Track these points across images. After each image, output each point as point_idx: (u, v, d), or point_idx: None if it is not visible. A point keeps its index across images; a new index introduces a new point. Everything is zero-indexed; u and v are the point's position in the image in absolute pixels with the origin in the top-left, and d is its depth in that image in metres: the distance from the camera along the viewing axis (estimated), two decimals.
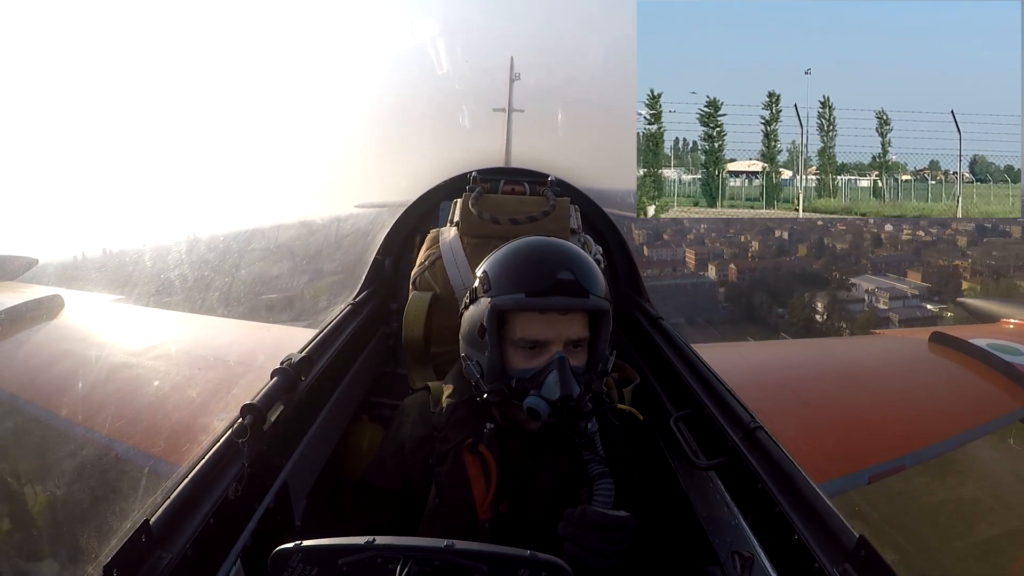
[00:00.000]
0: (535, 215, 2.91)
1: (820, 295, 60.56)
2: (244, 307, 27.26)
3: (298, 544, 1.24)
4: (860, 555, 1.31)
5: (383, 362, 3.32)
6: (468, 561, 1.23)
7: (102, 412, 4.19)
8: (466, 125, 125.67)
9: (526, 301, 1.86)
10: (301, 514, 2.07)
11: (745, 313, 62.25)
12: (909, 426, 4.50)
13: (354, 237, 19.75)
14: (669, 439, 2.26)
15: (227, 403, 3.92)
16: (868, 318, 54.95)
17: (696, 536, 1.96)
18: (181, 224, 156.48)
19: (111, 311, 7.16)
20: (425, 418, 2.12)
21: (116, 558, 1.24)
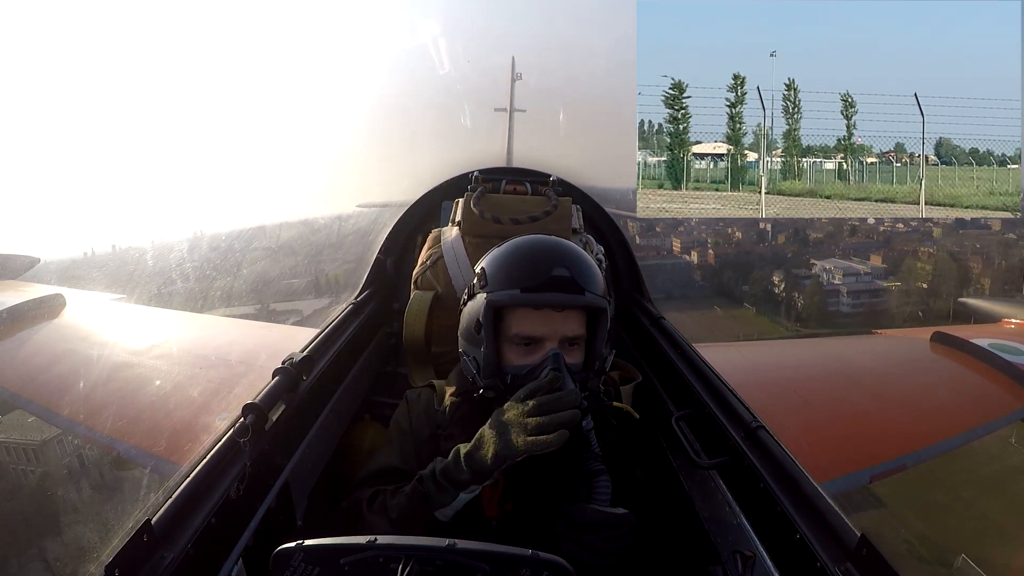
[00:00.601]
0: (537, 215, 2.90)
1: (780, 272, 65.62)
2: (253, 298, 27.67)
3: (300, 543, 1.24)
4: (862, 554, 1.31)
5: (385, 361, 3.32)
6: (470, 560, 1.23)
7: (104, 411, 4.20)
8: (468, 125, 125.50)
9: (521, 297, 1.86)
10: (303, 513, 2.07)
11: (715, 288, 68.07)
12: (911, 426, 4.50)
13: (356, 236, 19.91)
14: (671, 438, 2.25)
15: (228, 402, 3.92)
16: (815, 288, 61.88)
17: (698, 535, 1.96)
18: (187, 222, 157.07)
19: (113, 310, 7.17)
20: (430, 416, 2.12)
21: (118, 557, 1.24)
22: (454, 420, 2.02)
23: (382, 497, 1.82)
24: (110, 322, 6.41)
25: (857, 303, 61.15)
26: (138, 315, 7.43)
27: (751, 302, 64.85)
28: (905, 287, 60.81)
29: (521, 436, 1.62)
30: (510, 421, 1.65)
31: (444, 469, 1.70)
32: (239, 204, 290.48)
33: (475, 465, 1.66)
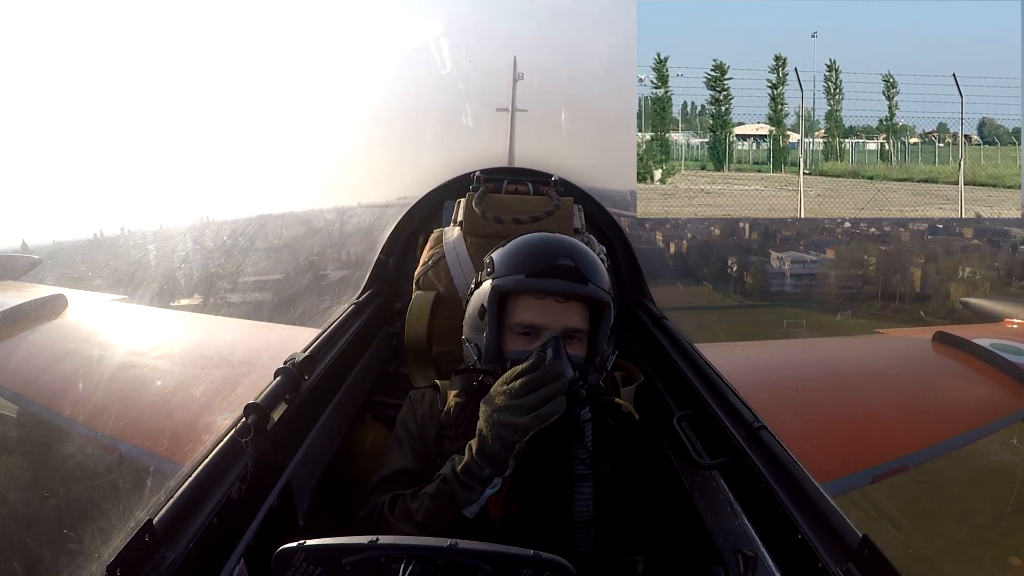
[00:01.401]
0: (538, 215, 2.91)
1: (735, 258, 75.25)
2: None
3: (301, 543, 1.24)
4: (864, 555, 1.31)
5: (386, 361, 3.33)
6: (472, 560, 1.23)
7: (105, 411, 4.20)
8: (469, 125, 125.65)
9: (525, 282, 1.89)
10: (304, 513, 2.07)
11: (681, 271, 75.28)
12: (912, 426, 4.50)
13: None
14: (672, 438, 2.25)
15: (230, 402, 3.92)
16: (759, 269, 71.48)
17: (699, 536, 1.96)
18: (193, 214, 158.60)
19: (114, 310, 7.18)
20: (435, 416, 2.12)
21: (120, 557, 1.24)
22: (458, 421, 2.01)
23: (403, 501, 1.81)
24: (111, 322, 6.42)
25: (799, 284, 70.46)
26: (139, 315, 7.44)
27: (708, 280, 73.49)
28: (843, 273, 70.45)
29: (520, 415, 1.63)
30: (504, 405, 1.65)
31: (465, 468, 1.69)
32: (242, 201, 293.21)
33: (490, 458, 1.66)
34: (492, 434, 1.64)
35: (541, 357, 1.72)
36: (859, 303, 65.74)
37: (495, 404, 1.67)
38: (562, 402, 1.65)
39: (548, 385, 1.65)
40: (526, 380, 1.66)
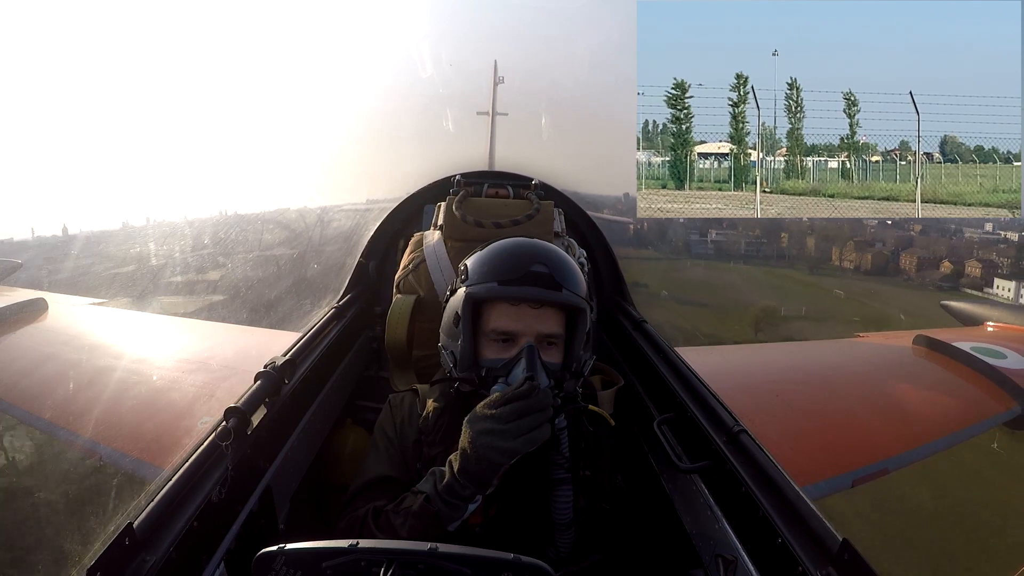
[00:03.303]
0: (519, 218, 2.92)
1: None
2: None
3: (281, 547, 1.24)
4: (843, 559, 1.32)
5: (367, 365, 3.32)
6: (452, 564, 1.23)
7: (86, 415, 4.17)
8: (450, 128, 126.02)
9: (498, 289, 1.90)
10: (285, 517, 2.07)
11: (638, 240, 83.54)
12: (893, 429, 4.52)
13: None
14: (653, 442, 2.26)
15: (210, 406, 3.90)
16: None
17: (679, 539, 1.96)
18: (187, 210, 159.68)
19: (94, 315, 7.12)
20: (414, 422, 2.12)
21: (100, 561, 1.24)
22: (436, 427, 2.02)
23: (386, 516, 1.81)
24: (92, 326, 6.36)
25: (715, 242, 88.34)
26: (120, 319, 7.38)
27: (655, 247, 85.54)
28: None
29: (509, 439, 1.62)
30: (491, 429, 1.65)
31: (448, 487, 1.69)
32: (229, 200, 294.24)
33: (473, 477, 1.66)
34: (477, 455, 1.64)
35: (532, 386, 1.71)
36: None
37: (481, 426, 1.67)
38: (548, 429, 1.66)
39: (535, 414, 1.65)
40: (518, 407, 1.65)
